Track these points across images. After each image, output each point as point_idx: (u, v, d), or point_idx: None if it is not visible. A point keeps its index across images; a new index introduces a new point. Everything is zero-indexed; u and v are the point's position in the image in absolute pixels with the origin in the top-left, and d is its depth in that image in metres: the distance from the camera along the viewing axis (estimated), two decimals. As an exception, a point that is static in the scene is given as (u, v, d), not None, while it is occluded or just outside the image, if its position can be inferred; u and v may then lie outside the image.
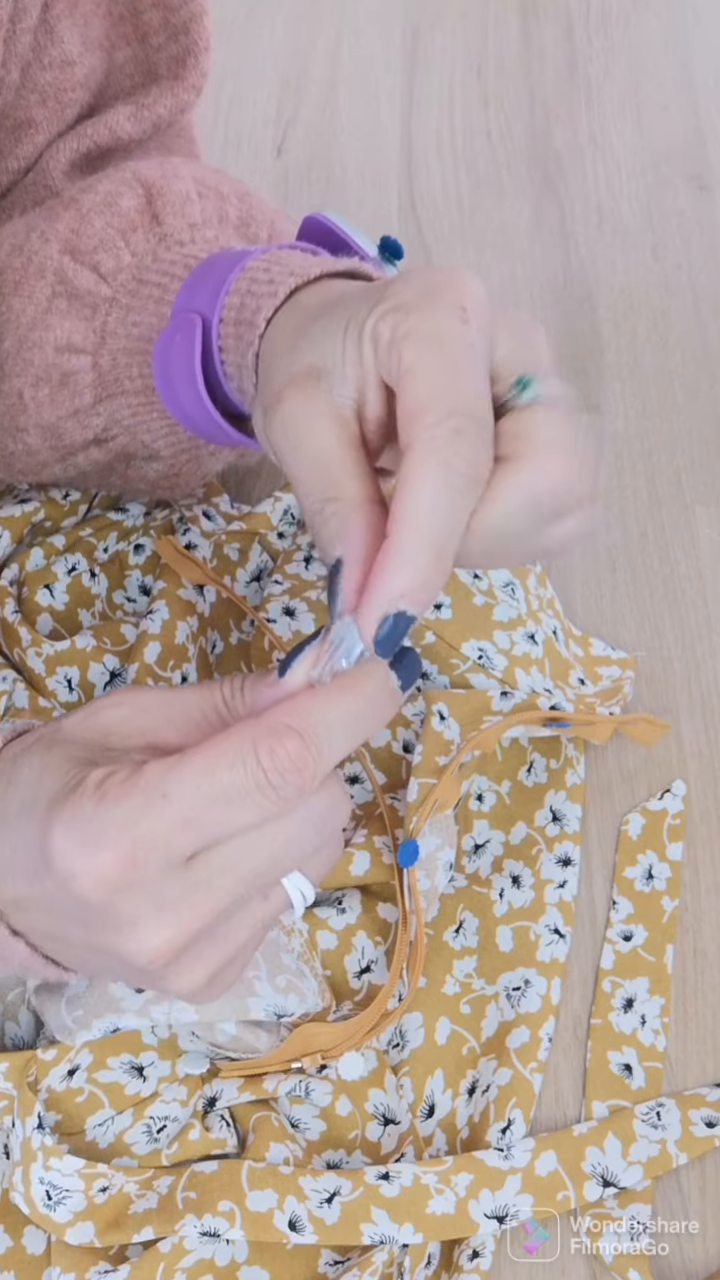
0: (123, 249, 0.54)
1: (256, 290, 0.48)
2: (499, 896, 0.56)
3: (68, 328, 0.54)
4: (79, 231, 0.54)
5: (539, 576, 0.62)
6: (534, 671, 0.59)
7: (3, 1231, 0.48)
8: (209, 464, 0.59)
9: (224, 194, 0.57)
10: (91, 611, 0.62)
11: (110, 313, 0.53)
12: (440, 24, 0.95)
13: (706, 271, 0.81)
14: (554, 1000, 0.54)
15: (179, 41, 0.60)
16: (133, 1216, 0.46)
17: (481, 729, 0.55)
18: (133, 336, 0.53)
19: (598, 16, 0.95)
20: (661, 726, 0.61)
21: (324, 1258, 0.48)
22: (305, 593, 0.60)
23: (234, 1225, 0.46)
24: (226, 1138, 0.49)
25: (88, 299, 0.54)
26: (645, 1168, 0.50)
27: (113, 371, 0.54)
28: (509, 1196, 0.48)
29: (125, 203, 0.54)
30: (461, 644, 0.58)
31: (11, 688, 0.58)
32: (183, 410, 0.51)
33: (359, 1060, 0.51)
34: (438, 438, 0.37)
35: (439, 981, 0.54)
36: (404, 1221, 0.47)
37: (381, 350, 0.39)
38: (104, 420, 0.55)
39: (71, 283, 0.54)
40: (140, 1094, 0.49)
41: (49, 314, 0.54)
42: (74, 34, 0.57)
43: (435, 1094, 0.52)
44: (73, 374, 0.54)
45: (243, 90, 0.90)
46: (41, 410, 0.55)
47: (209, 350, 0.49)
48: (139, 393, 0.54)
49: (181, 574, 0.61)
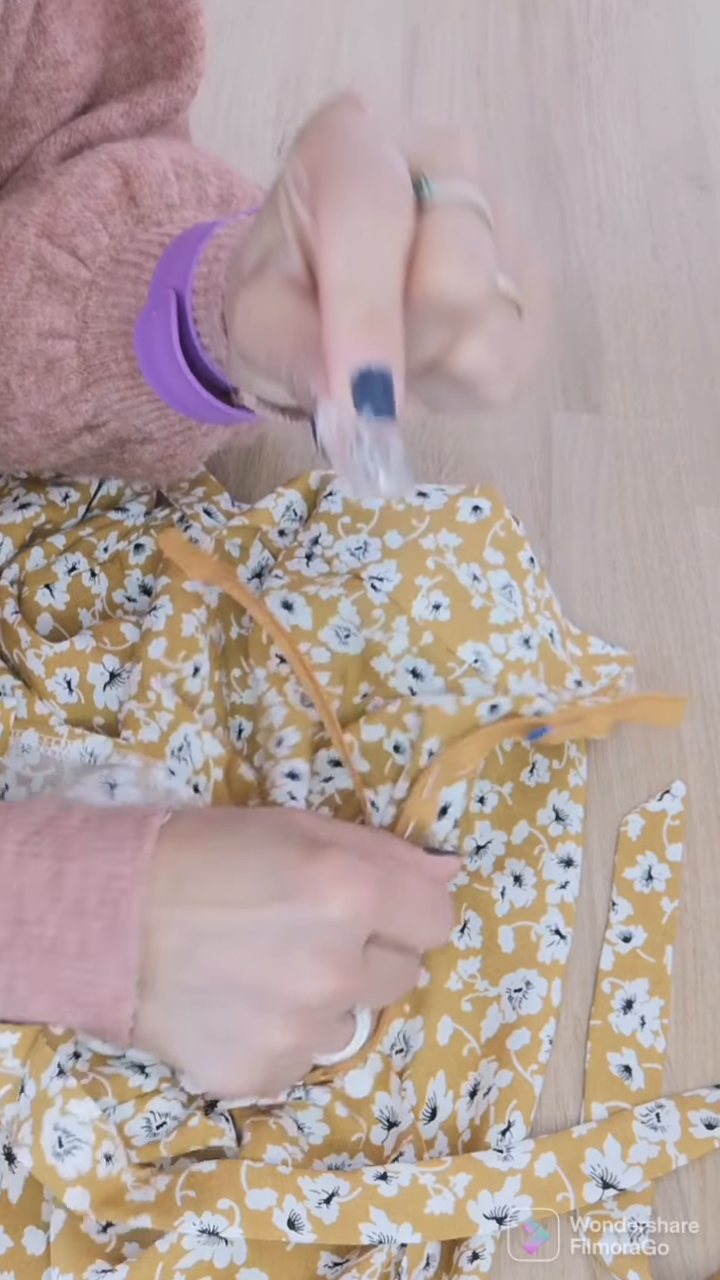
0: (100, 231, 0.53)
1: (223, 256, 0.47)
2: (500, 895, 0.56)
3: (49, 313, 0.53)
4: (55, 215, 0.53)
5: (537, 578, 0.62)
6: (526, 676, 0.58)
7: (3, 1232, 0.48)
8: (203, 443, 0.58)
9: (203, 172, 0.56)
10: (92, 611, 0.62)
11: (90, 296, 0.53)
12: (440, 24, 0.95)
13: (706, 271, 0.81)
14: (555, 1002, 0.54)
15: (174, 41, 0.60)
16: (129, 1202, 0.46)
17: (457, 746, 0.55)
18: (114, 319, 0.53)
19: (598, 16, 0.95)
20: (675, 701, 0.60)
21: (323, 1260, 0.48)
22: (304, 587, 0.60)
23: (233, 1223, 0.46)
24: (225, 1128, 0.49)
25: (67, 283, 0.53)
26: (645, 1169, 0.50)
27: (98, 355, 0.53)
28: (508, 1198, 0.48)
29: (102, 184, 0.54)
30: (458, 646, 0.58)
31: (15, 698, 0.57)
32: (168, 389, 0.51)
33: (366, 1077, 0.51)
34: (333, 193, 0.36)
35: (442, 978, 0.54)
36: (402, 1221, 0.47)
37: (298, 187, 0.38)
38: (93, 406, 0.55)
39: (50, 267, 0.53)
40: (142, 1088, 0.50)
41: (29, 299, 0.53)
42: (68, 33, 0.57)
43: (437, 1096, 0.52)
44: (58, 360, 0.54)
45: (243, 90, 0.90)
46: (29, 398, 0.55)
47: (186, 324, 0.49)
48: (125, 375, 0.53)
49: (187, 569, 0.61)
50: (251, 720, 0.60)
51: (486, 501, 0.60)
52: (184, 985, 0.45)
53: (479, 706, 0.56)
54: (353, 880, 0.45)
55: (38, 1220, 0.48)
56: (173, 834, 0.46)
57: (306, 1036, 0.46)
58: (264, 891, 0.45)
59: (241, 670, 0.61)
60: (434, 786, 0.54)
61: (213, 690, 0.60)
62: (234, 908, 0.45)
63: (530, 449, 0.72)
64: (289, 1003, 0.45)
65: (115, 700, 0.58)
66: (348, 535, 0.61)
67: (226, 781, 0.57)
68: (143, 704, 0.57)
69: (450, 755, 0.55)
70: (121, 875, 0.45)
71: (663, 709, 0.60)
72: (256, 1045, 0.45)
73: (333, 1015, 0.48)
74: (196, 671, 0.59)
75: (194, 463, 0.61)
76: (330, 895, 0.45)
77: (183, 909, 0.45)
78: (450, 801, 0.55)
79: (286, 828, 0.48)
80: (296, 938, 0.45)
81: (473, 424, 0.73)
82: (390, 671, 0.59)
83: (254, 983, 0.45)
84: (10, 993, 0.45)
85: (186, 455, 0.59)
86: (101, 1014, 0.45)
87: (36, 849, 0.45)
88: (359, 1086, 0.51)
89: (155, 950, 0.45)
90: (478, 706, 0.56)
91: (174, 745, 0.56)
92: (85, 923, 0.44)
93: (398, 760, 0.57)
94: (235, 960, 0.45)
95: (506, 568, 0.60)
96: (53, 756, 0.55)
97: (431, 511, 0.60)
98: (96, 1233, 0.47)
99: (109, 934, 0.44)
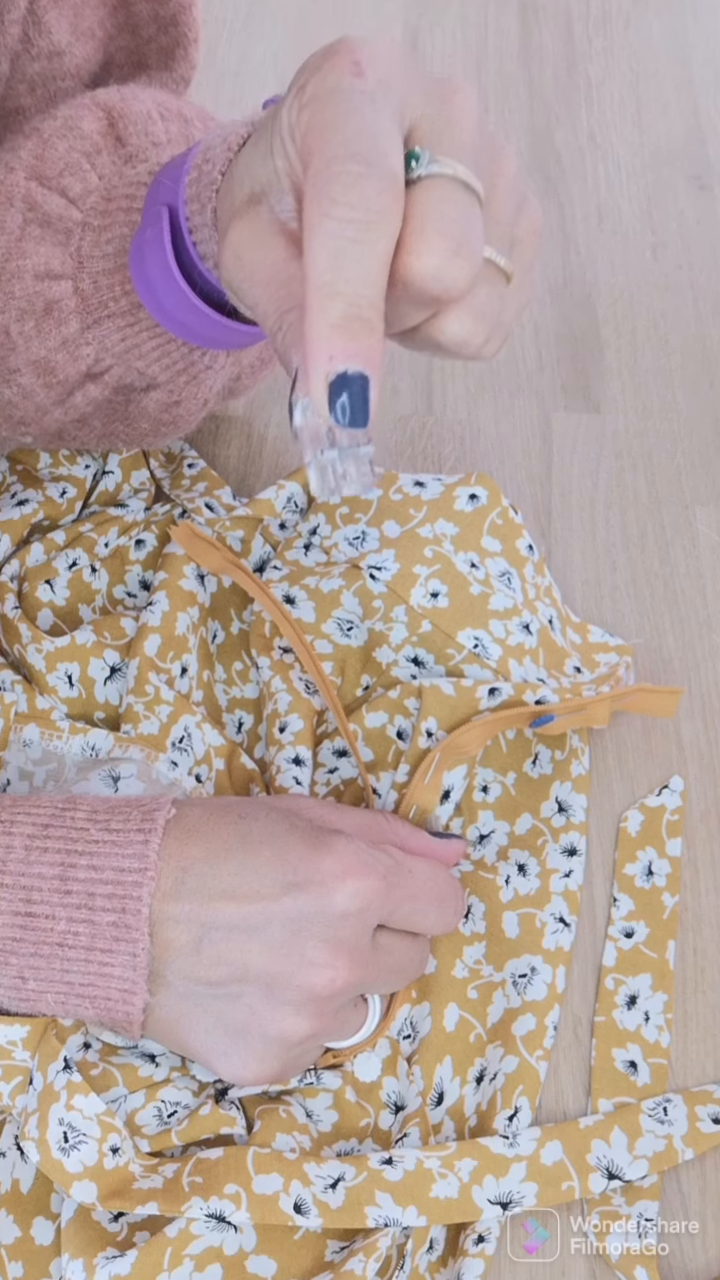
0: (89, 171, 0.53)
1: (212, 156, 0.47)
2: (505, 883, 0.56)
3: (44, 253, 0.53)
4: (43, 157, 0.53)
5: (536, 565, 0.62)
6: (527, 662, 0.58)
7: (12, 1222, 0.48)
8: (208, 381, 0.57)
9: (187, 117, 0.56)
10: (92, 607, 0.62)
11: (84, 236, 0.53)
12: (440, 24, 0.95)
13: (706, 271, 0.81)
14: (560, 989, 0.54)
15: (168, 33, 0.60)
16: (137, 1191, 0.46)
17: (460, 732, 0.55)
18: (109, 255, 0.52)
19: (598, 16, 0.95)
20: (671, 693, 0.60)
21: (330, 1247, 0.48)
22: (304, 579, 0.60)
23: (240, 1208, 0.46)
24: (236, 1117, 0.49)
25: (59, 224, 0.53)
26: (651, 1162, 0.50)
27: (95, 295, 0.53)
28: (513, 1184, 0.48)
29: (86, 125, 0.53)
30: (458, 633, 0.58)
31: (15, 693, 0.57)
32: (167, 313, 0.50)
33: (375, 1060, 0.51)
34: (321, 186, 0.36)
35: (448, 965, 0.54)
36: (408, 1205, 0.47)
37: (294, 138, 0.38)
38: (94, 349, 0.54)
39: (42, 208, 0.53)
40: (153, 1078, 0.50)
41: (23, 241, 0.53)
42: (63, 24, 0.57)
43: (444, 1081, 0.52)
44: (56, 302, 0.53)
45: (243, 90, 0.90)
46: (30, 345, 0.54)
47: (181, 238, 0.48)
48: (125, 313, 0.53)
49: (198, 559, 0.61)
50: (252, 714, 0.60)
51: (483, 490, 0.60)
52: (196, 977, 0.45)
53: (478, 689, 0.56)
54: (360, 871, 0.46)
55: (47, 1211, 0.48)
56: (179, 827, 0.46)
57: (319, 1024, 0.46)
58: (272, 883, 0.45)
59: (242, 664, 0.61)
60: (435, 771, 0.54)
61: (202, 690, 0.60)
62: (243, 900, 0.45)
63: (530, 449, 0.72)
64: (301, 992, 0.45)
65: (116, 695, 0.58)
66: (346, 525, 0.61)
67: (228, 771, 0.57)
68: (141, 698, 0.57)
69: (452, 741, 0.55)
70: (129, 870, 0.45)
71: (658, 700, 0.61)
72: (270, 1035, 0.46)
73: (344, 1002, 0.48)
74: (184, 672, 0.59)
75: (199, 411, 0.59)
76: (338, 886, 0.45)
77: (192, 902, 0.45)
78: (452, 785, 0.55)
79: (292, 816, 0.48)
80: (306, 928, 0.45)
81: (473, 424, 0.73)
82: (392, 662, 0.59)
83: (265, 974, 0.45)
84: (20, 987, 0.45)
85: (191, 400, 0.58)
86: (112, 1008, 0.45)
87: (44, 844, 0.45)
88: (368, 1070, 0.51)
89: (165, 944, 0.45)
90: (477, 689, 0.56)
91: (175, 737, 0.56)
92: (94, 917, 0.44)
93: (401, 746, 0.57)
94: (246, 952, 0.45)
95: (505, 555, 0.60)
96: (55, 751, 0.55)
97: (429, 501, 0.60)
98: (108, 1221, 0.47)
99: (118, 929, 0.44)
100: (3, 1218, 0.48)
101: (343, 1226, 0.47)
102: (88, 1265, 0.45)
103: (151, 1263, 0.45)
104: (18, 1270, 0.47)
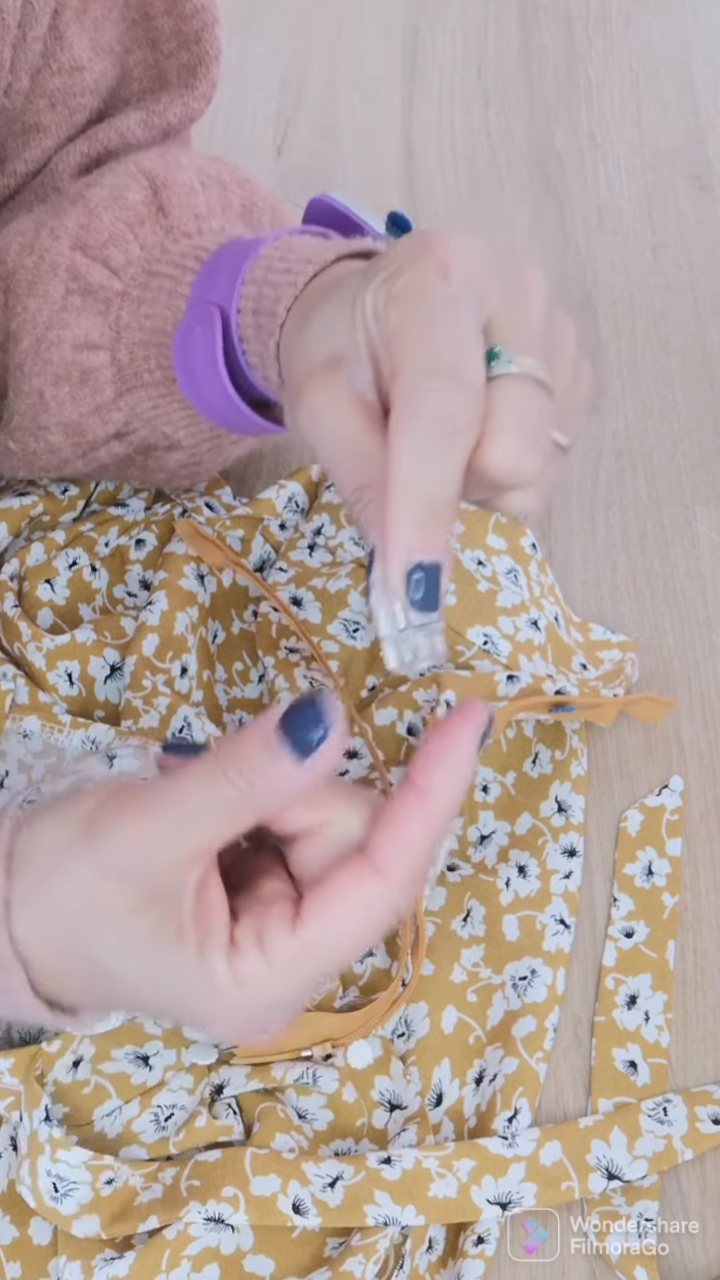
0: (131, 242, 0.54)
1: (274, 279, 0.48)
2: (505, 885, 0.56)
3: (84, 325, 0.54)
4: (88, 227, 0.54)
5: (540, 564, 0.62)
6: (536, 658, 0.59)
7: (9, 1222, 0.48)
8: (230, 450, 0.59)
9: (225, 182, 0.57)
10: (92, 606, 0.62)
11: (123, 307, 0.54)
12: (440, 24, 0.95)
13: (706, 271, 0.81)
14: (560, 990, 0.54)
15: (190, 50, 0.60)
16: (138, 1208, 0.46)
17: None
18: (146, 329, 0.53)
19: (598, 16, 0.95)
20: (665, 704, 0.60)
21: (329, 1245, 0.48)
22: (311, 581, 0.60)
23: (238, 1210, 0.46)
24: (233, 1124, 0.49)
25: (100, 294, 0.54)
26: (650, 1162, 0.50)
27: (131, 365, 0.54)
28: (512, 1184, 0.48)
29: (132, 196, 0.54)
30: (467, 630, 0.58)
31: (14, 684, 0.57)
32: (205, 401, 0.51)
33: (367, 1048, 0.51)
34: (410, 396, 0.37)
35: (446, 969, 0.54)
36: (406, 1204, 0.47)
37: (378, 322, 0.39)
38: (125, 414, 0.55)
39: (84, 279, 0.54)
40: (146, 1083, 0.50)
41: (64, 312, 0.54)
42: (83, 39, 0.57)
43: (443, 1083, 0.52)
44: (92, 371, 0.54)
45: (243, 90, 0.90)
46: (63, 408, 0.55)
47: (229, 341, 0.50)
48: (158, 384, 0.54)
49: (202, 556, 0.61)
50: (253, 714, 0.60)
51: None
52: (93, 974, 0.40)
53: (496, 673, 0.57)
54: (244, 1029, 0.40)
55: None
56: None
57: None
58: None
59: (243, 664, 0.61)
60: None
61: (202, 690, 0.60)
62: None
63: (530, 448, 0.72)
64: None
65: (116, 693, 0.58)
66: (351, 525, 0.61)
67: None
68: (138, 693, 0.57)
69: None
70: None
71: (652, 708, 0.61)
72: None
73: None
74: (185, 672, 0.59)
75: (217, 469, 0.61)
76: None
77: None
78: None
79: None
80: None
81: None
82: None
83: None
84: None
85: (212, 462, 0.59)
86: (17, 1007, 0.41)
87: None
88: (361, 1057, 0.51)
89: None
90: (495, 674, 0.57)
91: (175, 727, 0.56)
92: None
93: (412, 744, 0.57)
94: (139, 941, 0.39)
95: (510, 553, 0.60)
96: (55, 744, 0.56)
97: None
98: None
99: None
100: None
101: (342, 1225, 0.47)
102: (85, 1268, 0.45)
103: (149, 1264, 0.45)
104: (15, 1270, 0.47)
